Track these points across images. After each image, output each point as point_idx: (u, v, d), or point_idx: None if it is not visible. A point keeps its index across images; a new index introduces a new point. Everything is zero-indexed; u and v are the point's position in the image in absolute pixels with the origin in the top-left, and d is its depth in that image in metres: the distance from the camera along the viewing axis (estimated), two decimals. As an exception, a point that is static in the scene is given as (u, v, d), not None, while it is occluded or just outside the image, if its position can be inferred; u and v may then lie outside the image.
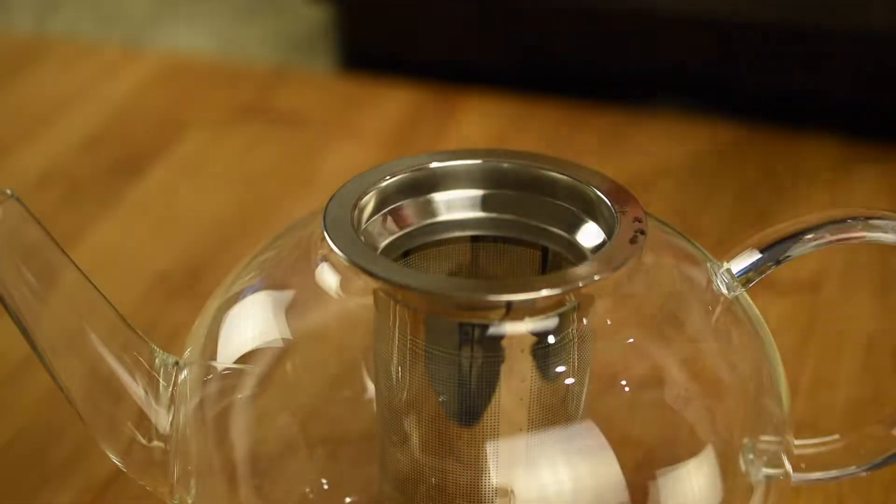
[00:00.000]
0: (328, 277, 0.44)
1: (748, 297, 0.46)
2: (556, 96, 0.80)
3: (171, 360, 0.46)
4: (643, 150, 0.77)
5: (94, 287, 0.45)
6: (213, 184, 0.74)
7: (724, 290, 0.45)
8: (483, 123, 0.77)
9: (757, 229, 0.46)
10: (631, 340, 0.45)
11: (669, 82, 0.81)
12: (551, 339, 0.42)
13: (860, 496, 0.54)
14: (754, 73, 0.79)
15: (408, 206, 0.45)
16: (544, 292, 0.41)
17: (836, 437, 0.48)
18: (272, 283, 0.46)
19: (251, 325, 0.45)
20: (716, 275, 0.45)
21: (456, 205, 0.46)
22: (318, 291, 0.44)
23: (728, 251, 0.46)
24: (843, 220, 0.45)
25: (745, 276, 0.45)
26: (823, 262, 0.67)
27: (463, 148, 0.43)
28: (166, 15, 0.96)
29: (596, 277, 0.42)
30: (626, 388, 0.45)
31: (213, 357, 0.45)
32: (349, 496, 0.46)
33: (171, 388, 0.45)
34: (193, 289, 0.64)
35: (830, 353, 0.62)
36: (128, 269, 0.67)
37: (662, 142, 0.77)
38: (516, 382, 0.42)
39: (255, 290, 0.46)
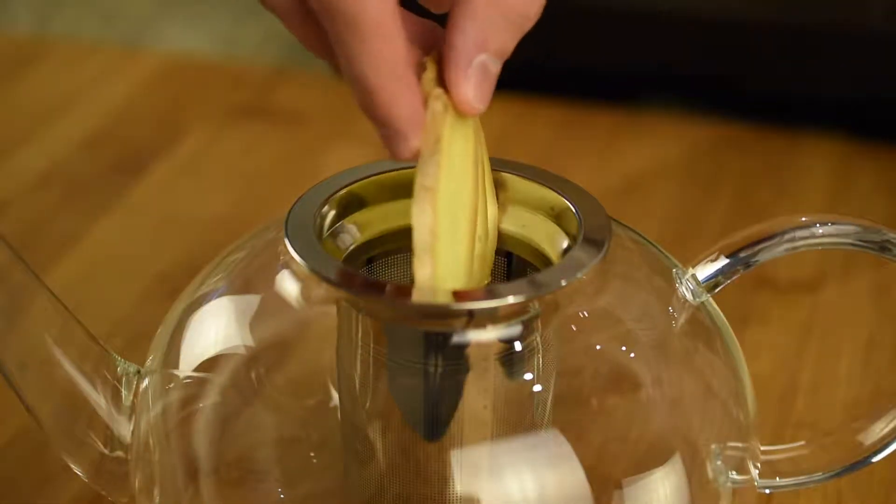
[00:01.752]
0: (291, 285, 0.43)
1: (714, 303, 0.46)
2: (556, 96, 0.80)
3: (133, 368, 0.46)
4: (642, 151, 0.77)
5: (59, 301, 0.44)
6: (213, 184, 0.74)
7: (690, 297, 0.45)
8: (483, 124, 0.77)
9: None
10: (597, 347, 0.44)
11: (669, 82, 0.81)
12: (515, 347, 0.42)
13: (860, 496, 0.54)
14: (754, 73, 0.79)
15: (371, 213, 0.45)
16: (507, 300, 0.41)
17: (802, 443, 0.48)
18: (236, 288, 0.46)
19: (212, 333, 0.45)
20: (681, 281, 0.45)
21: None
22: (281, 299, 0.44)
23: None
24: (808, 225, 0.45)
25: (711, 282, 0.45)
26: (823, 262, 0.67)
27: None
28: (166, 15, 0.96)
29: (559, 284, 0.41)
30: (592, 396, 0.45)
31: (175, 365, 0.45)
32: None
33: (132, 398, 0.45)
34: (193, 289, 0.64)
35: (830, 353, 0.62)
36: (128, 269, 0.67)
37: (662, 142, 0.77)
38: (480, 391, 0.42)
39: (219, 294, 0.45)
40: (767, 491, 0.48)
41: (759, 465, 0.47)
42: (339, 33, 0.38)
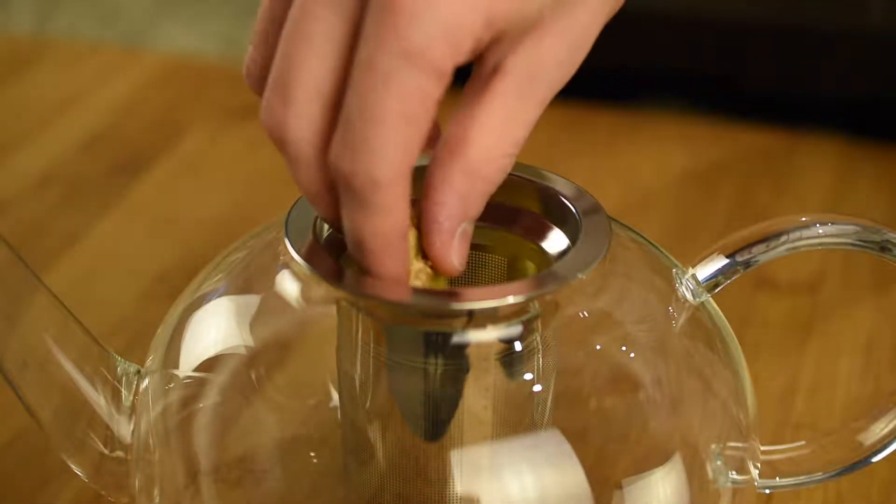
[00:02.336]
0: (291, 285, 0.43)
1: (714, 303, 0.46)
2: (556, 96, 0.80)
3: (133, 368, 0.46)
4: (643, 151, 0.77)
5: (59, 301, 0.44)
6: (213, 184, 0.74)
7: (690, 297, 0.45)
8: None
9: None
10: (597, 347, 0.44)
11: (669, 82, 0.81)
12: (515, 347, 0.42)
13: (860, 496, 0.54)
14: (754, 73, 0.79)
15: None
16: (507, 300, 0.41)
17: (802, 443, 0.48)
18: (236, 289, 0.46)
19: (212, 333, 0.45)
20: (681, 281, 0.45)
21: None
22: (281, 299, 0.44)
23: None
24: (808, 225, 0.45)
25: (711, 282, 0.45)
26: (823, 262, 0.67)
27: (425, 153, 0.43)
28: (166, 15, 0.96)
29: (559, 285, 0.41)
30: (592, 396, 0.45)
31: (175, 365, 0.45)
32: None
33: (132, 398, 0.45)
34: (193, 289, 0.64)
35: (830, 353, 0.62)
36: (128, 269, 0.67)
37: (662, 142, 0.77)
38: (481, 391, 0.42)
39: (219, 294, 0.46)
40: (767, 491, 0.48)
41: (759, 465, 0.47)
42: (349, 201, 0.39)
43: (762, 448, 0.47)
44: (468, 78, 0.41)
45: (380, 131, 0.38)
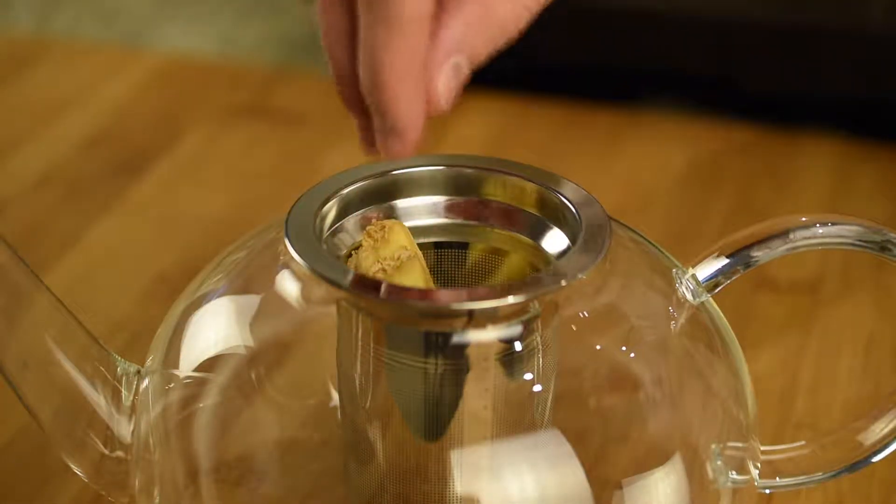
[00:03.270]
0: (291, 285, 0.43)
1: (714, 303, 0.46)
2: (556, 96, 0.80)
3: (133, 368, 0.46)
4: (643, 151, 0.77)
5: (59, 301, 0.44)
6: (213, 184, 0.74)
7: (690, 297, 0.45)
8: (482, 124, 0.77)
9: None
10: (597, 347, 0.44)
11: (669, 82, 0.81)
12: (515, 347, 0.42)
13: (860, 496, 0.54)
14: (754, 73, 0.79)
15: (371, 213, 0.45)
16: (507, 300, 0.41)
17: (802, 443, 0.48)
18: (236, 288, 0.46)
19: (212, 333, 0.45)
20: (681, 281, 0.45)
21: (419, 211, 0.46)
22: (281, 299, 0.44)
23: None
24: (808, 225, 0.45)
25: (711, 282, 0.45)
26: (823, 262, 0.67)
27: (426, 154, 0.43)
28: (166, 15, 0.96)
29: (559, 284, 0.41)
30: (592, 396, 0.45)
31: (175, 365, 0.45)
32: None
33: (132, 397, 0.45)
34: (193, 289, 0.64)
35: (830, 353, 0.62)
36: (128, 269, 0.67)
37: (662, 142, 0.77)
38: (481, 391, 0.42)
39: (219, 294, 0.45)
40: (767, 491, 0.48)
41: (759, 465, 0.47)
42: (371, 18, 0.38)
43: (762, 448, 0.47)
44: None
45: None
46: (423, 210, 0.46)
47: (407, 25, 0.38)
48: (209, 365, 0.44)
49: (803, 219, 0.45)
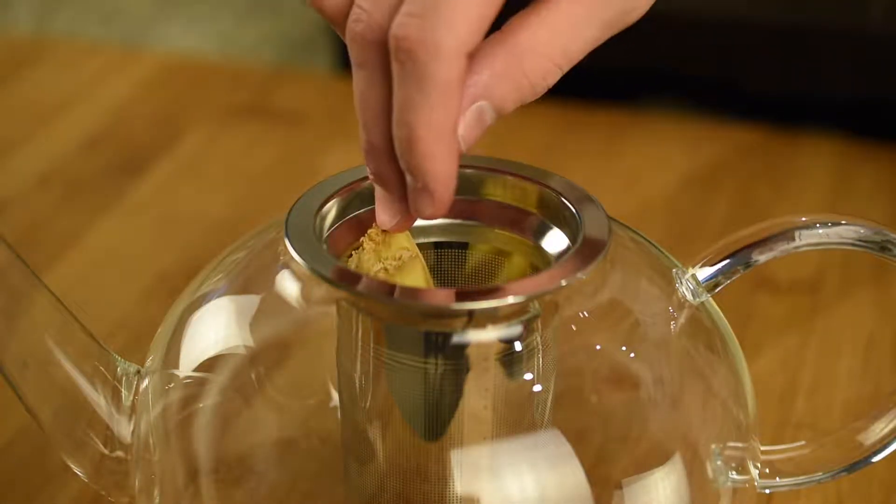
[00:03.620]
0: (291, 285, 0.43)
1: (714, 303, 0.46)
2: (556, 96, 0.80)
3: (133, 368, 0.46)
4: (643, 151, 0.77)
5: (59, 301, 0.44)
6: (213, 184, 0.74)
7: (690, 297, 0.45)
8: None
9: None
10: (597, 347, 0.44)
11: (669, 82, 0.81)
12: (515, 347, 0.42)
13: (860, 496, 0.54)
14: (754, 74, 0.79)
15: (371, 213, 0.45)
16: (507, 300, 0.41)
17: (802, 443, 0.48)
18: (236, 288, 0.46)
19: (212, 333, 0.45)
20: (681, 281, 0.45)
21: None
22: (281, 299, 0.44)
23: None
24: (808, 225, 0.45)
25: (711, 282, 0.45)
26: (823, 262, 0.67)
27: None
28: (166, 15, 0.96)
29: (559, 284, 0.41)
30: (592, 396, 0.45)
31: (175, 365, 0.45)
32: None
33: (132, 397, 0.45)
34: (193, 289, 0.64)
35: (830, 353, 0.62)
36: (128, 269, 0.67)
37: (662, 142, 0.77)
38: (481, 391, 0.42)
39: (219, 294, 0.45)
40: (767, 491, 0.48)
41: (759, 465, 0.47)
42: (406, 80, 0.39)
43: (762, 448, 0.47)
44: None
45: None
46: None
47: (441, 88, 0.38)
48: (209, 365, 0.44)
49: (803, 219, 0.45)
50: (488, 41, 0.40)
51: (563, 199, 0.45)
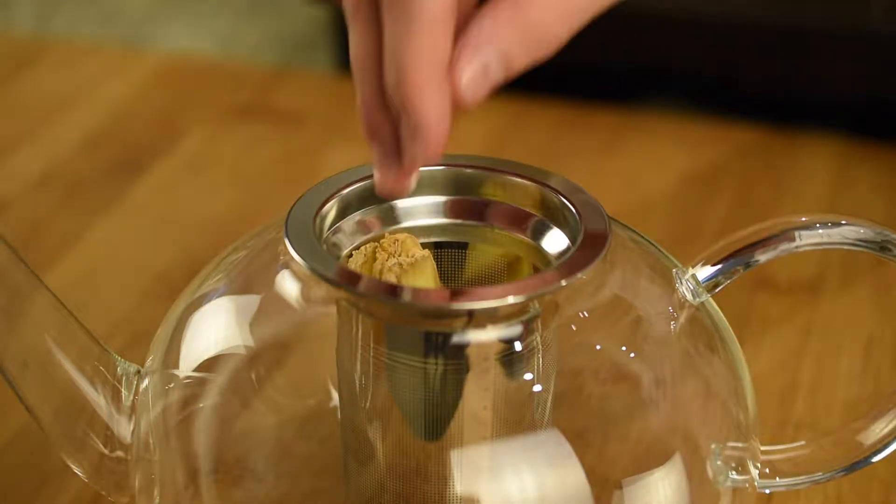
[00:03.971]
0: (291, 285, 0.43)
1: (714, 303, 0.46)
2: (556, 96, 0.80)
3: (133, 368, 0.46)
4: (643, 151, 0.77)
5: (59, 301, 0.44)
6: (213, 184, 0.74)
7: (689, 297, 0.45)
8: (482, 124, 0.77)
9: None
10: (597, 347, 0.44)
11: (669, 82, 0.81)
12: (515, 347, 0.42)
13: (860, 496, 0.54)
14: (754, 73, 0.79)
15: (371, 213, 0.45)
16: (507, 300, 0.41)
17: (802, 443, 0.48)
18: (236, 288, 0.46)
19: (212, 333, 0.45)
20: (681, 281, 0.45)
21: (419, 211, 0.46)
22: (281, 299, 0.44)
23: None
24: (808, 225, 0.45)
25: (711, 282, 0.45)
26: (823, 262, 0.67)
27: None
28: (166, 15, 0.96)
29: (559, 284, 0.41)
30: (592, 396, 0.45)
31: (175, 365, 0.45)
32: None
33: (132, 398, 0.45)
34: (193, 289, 0.64)
35: (830, 353, 0.62)
36: (128, 269, 0.67)
37: (662, 142, 0.77)
38: (480, 391, 0.42)
39: (219, 294, 0.45)
40: (767, 491, 0.48)
41: (759, 465, 0.47)
42: (394, 18, 0.38)
43: (762, 448, 0.47)
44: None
45: None
46: (423, 210, 0.46)
47: (428, 22, 0.38)
48: (209, 365, 0.44)
49: (803, 219, 0.45)
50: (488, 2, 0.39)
51: (563, 199, 0.45)
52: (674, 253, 0.47)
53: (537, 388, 0.43)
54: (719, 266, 0.45)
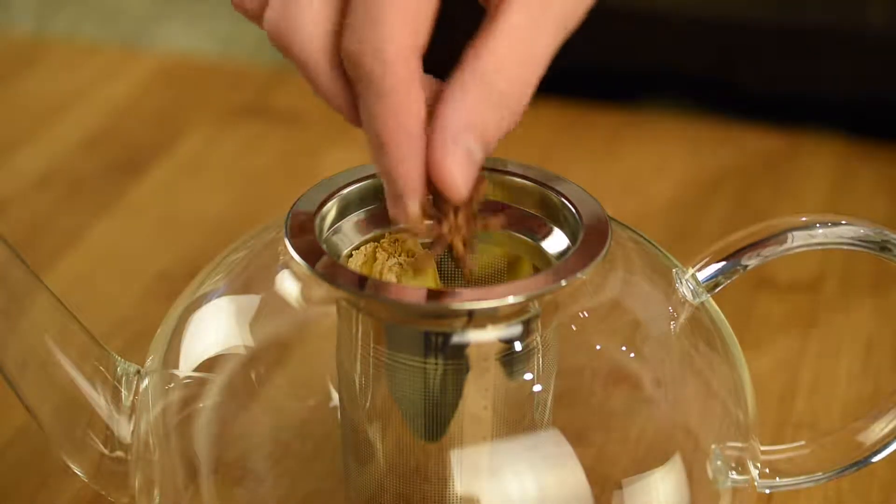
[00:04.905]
0: (291, 285, 0.43)
1: (714, 303, 0.46)
2: (556, 96, 0.80)
3: (133, 368, 0.46)
4: (643, 151, 0.77)
5: (59, 301, 0.44)
6: (213, 184, 0.74)
7: (690, 297, 0.45)
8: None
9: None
10: (597, 347, 0.44)
11: (669, 82, 0.81)
12: (515, 347, 0.42)
13: (860, 496, 0.54)
14: (754, 73, 0.79)
15: (372, 213, 0.45)
16: (507, 300, 0.41)
17: (802, 443, 0.48)
18: (236, 288, 0.46)
19: (212, 333, 0.45)
20: (681, 281, 0.45)
21: None
22: (281, 299, 0.44)
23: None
24: (808, 225, 0.45)
25: (711, 282, 0.45)
26: (823, 262, 0.67)
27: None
28: (166, 15, 0.96)
29: (559, 284, 0.41)
30: (592, 396, 0.45)
31: (175, 365, 0.45)
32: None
33: (132, 398, 0.45)
34: (193, 289, 0.64)
35: (830, 353, 0.62)
36: (128, 269, 0.67)
37: (662, 142, 0.77)
38: (480, 391, 0.42)
39: (219, 294, 0.45)
40: (767, 491, 0.48)
41: (759, 465, 0.47)
42: (364, 92, 0.39)
43: (762, 448, 0.47)
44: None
45: (386, 5, 0.38)
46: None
47: (395, 91, 0.39)
48: (209, 365, 0.44)
49: (803, 219, 0.45)
50: (455, 77, 0.40)
51: (563, 199, 0.45)
52: (674, 253, 0.47)
53: (537, 388, 0.43)
54: (719, 266, 0.45)
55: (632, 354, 0.45)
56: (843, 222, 0.45)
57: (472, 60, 0.39)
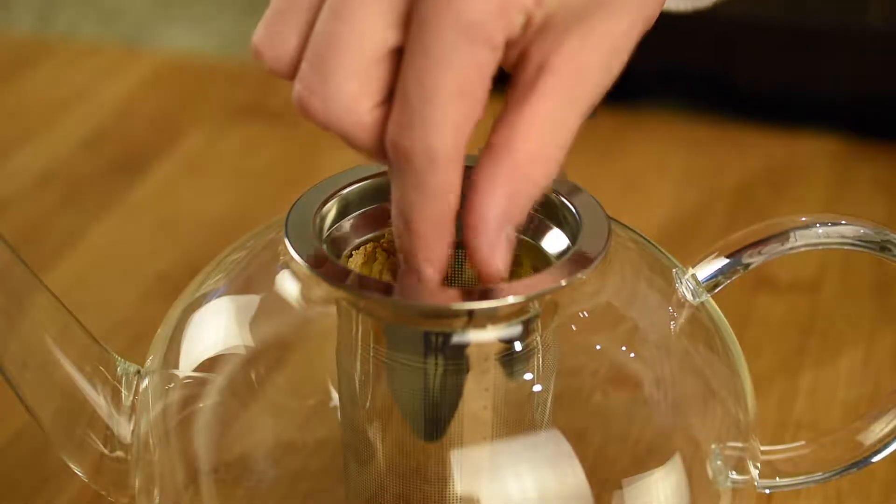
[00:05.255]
0: (291, 285, 0.43)
1: (714, 303, 0.46)
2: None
3: (133, 368, 0.46)
4: (643, 151, 0.77)
5: (59, 301, 0.44)
6: (213, 184, 0.74)
7: (689, 297, 0.45)
8: (482, 124, 0.77)
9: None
10: (597, 347, 0.44)
11: (669, 82, 0.81)
12: (515, 347, 0.42)
13: (860, 496, 0.54)
14: (754, 73, 0.79)
15: (371, 212, 0.45)
16: (507, 300, 0.41)
17: (802, 443, 0.48)
18: (236, 288, 0.46)
19: (212, 333, 0.45)
20: (681, 281, 0.45)
21: None
22: (281, 299, 0.44)
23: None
24: (808, 225, 0.45)
25: (711, 282, 0.45)
26: (823, 262, 0.67)
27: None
28: (166, 15, 0.96)
29: (559, 284, 0.41)
30: (592, 396, 0.45)
31: (175, 365, 0.45)
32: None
33: (132, 398, 0.45)
34: (193, 289, 0.64)
35: (830, 353, 0.62)
36: (128, 269, 0.67)
37: (662, 142, 0.77)
38: (480, 391, 0.42)
39: (219, 294, 0.45)
40: (767, 491, 0.48)
41: (759, 465, 0.47)
42: (404, 182, 0.39)
43: (762, 448, 0.47)
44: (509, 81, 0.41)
45: (439, 107, 0.38)
46: None
47: (438, 190, 0.39)
48: (209, 365, 0.44)
49: (803, 219, 0.45)
50: (485, 163, 0.40)
51: (563, 199, 0.45)
52: (674, 253, 0.47)
53: (537, 388, 0.43)
54: (719, 266, 0.45)
55: (632, 354, 0.45)
56: (844, 222, 0.45)
57: (502, 147, 0.40)
